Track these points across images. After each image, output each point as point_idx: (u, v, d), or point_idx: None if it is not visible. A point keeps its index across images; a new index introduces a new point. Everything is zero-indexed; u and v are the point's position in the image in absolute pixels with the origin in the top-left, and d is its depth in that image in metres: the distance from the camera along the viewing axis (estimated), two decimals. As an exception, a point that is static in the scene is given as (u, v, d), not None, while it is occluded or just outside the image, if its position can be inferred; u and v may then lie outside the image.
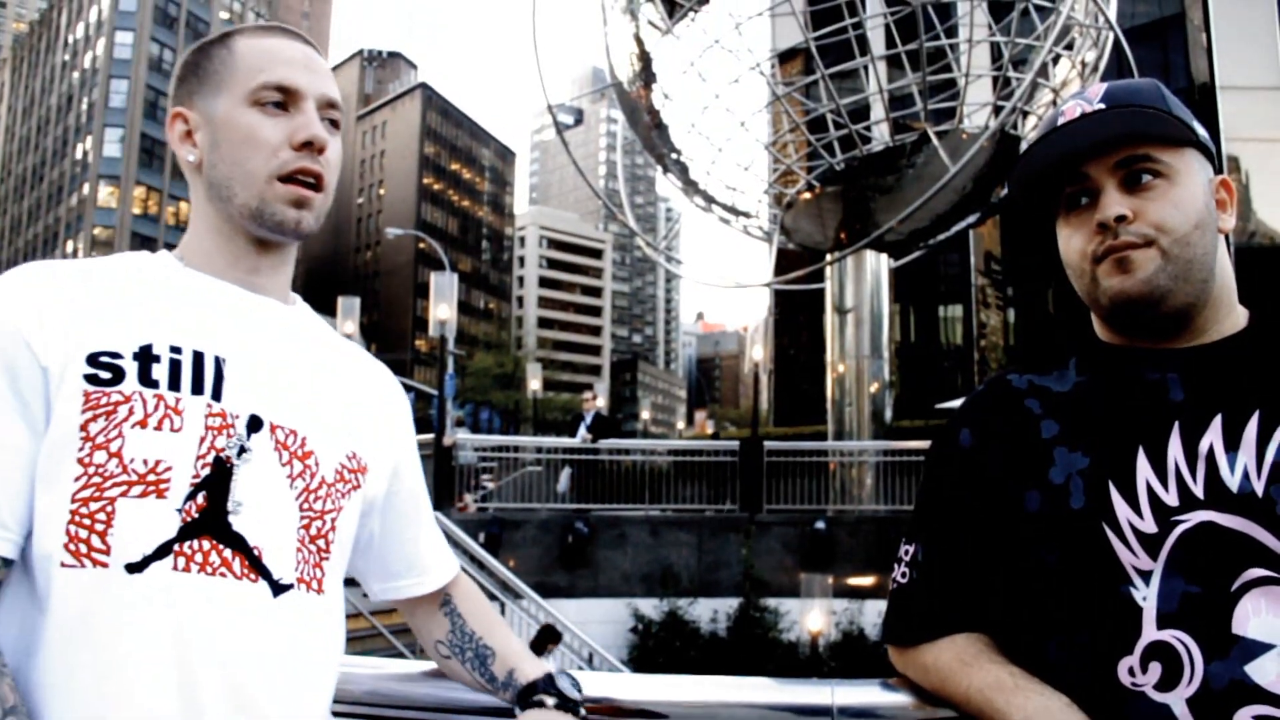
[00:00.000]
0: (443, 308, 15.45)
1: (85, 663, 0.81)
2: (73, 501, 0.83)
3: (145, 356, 0.88)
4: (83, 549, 0.82)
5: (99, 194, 57.97)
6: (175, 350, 0.90)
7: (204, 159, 0.99)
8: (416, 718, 1.18)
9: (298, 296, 1.08)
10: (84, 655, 0.81)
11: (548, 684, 1.08)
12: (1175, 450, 0.94)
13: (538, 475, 13.51)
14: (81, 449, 0.84)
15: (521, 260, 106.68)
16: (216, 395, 0.90)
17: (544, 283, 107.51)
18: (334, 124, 1.02)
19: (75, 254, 56.09)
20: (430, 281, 16.55)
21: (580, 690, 1.09)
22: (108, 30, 58.92)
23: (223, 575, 0.86)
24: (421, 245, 70.94)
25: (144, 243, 54.60)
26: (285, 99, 0.98)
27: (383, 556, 1.12)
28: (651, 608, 11.42)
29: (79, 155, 60.26)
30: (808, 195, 15.26)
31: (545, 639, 7.60)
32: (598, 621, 10.69)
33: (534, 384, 44.23)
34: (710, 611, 11.49)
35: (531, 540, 11.87)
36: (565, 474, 13.25)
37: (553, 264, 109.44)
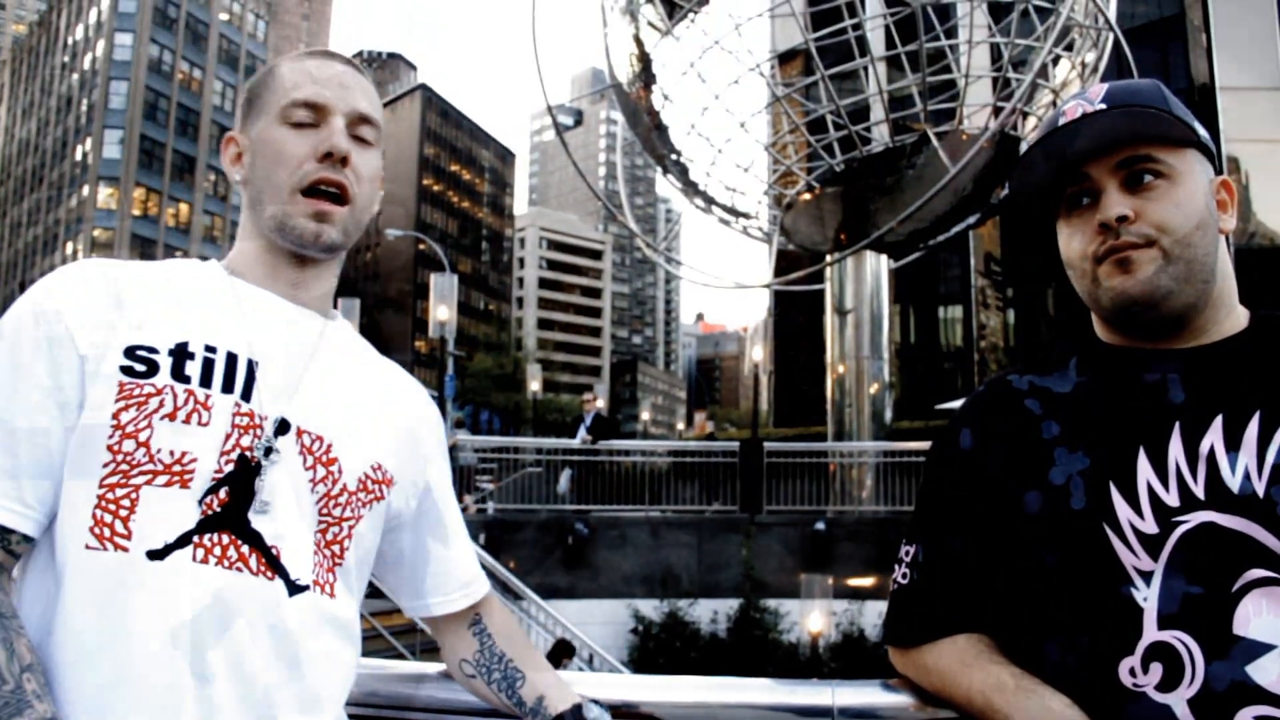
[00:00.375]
0: (442, 309, 15.48)
1: (103, 643, 0.83)
2: (100, 486, 0.87)
3: (180, 353, 0.92)
4: (106, 533, 0.85)
5: (99, 195, 57.85)
6: (210, 350, 0.94)
7: (247, 176, 1.05)
8: (416, 718, 1.18)
9: (338, 312, 1.11)
10: (103, 636, 0.84)
11: (576, 715, 1.07)
12: (1176, 451, 0.94)
13: (538, 476, 13.50)
14: (111, 436, 0.87)
15: (521, 261, 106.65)
16: (246, 396, 0.94)
17: (544, 284, 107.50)
18: (364, 140, 1.04)
19: (75, 256, 55.98)
20: (430, 283, 16.56)
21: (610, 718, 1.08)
22: (107, 32, 58.86)
23: (239, 570, 0.88)
24: (421, 246, 70.94)
25: (144, 244, 54.56)
26: (315, 115, 1.01)
27: (413, 574, 1.13)
28: (652, 609, 11.41)
29: (79, 157, 60.16)
30: (807, 196, 15.25)
31: (560, 653, 7.62)
32: (598, 623, 10.69)
33: (534, 385, 44.29)
34: (710, 612, 11.48)
35: (532, 541, 11.86)
36: (565, 475, 13.25)
37: (552, 265, 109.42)
